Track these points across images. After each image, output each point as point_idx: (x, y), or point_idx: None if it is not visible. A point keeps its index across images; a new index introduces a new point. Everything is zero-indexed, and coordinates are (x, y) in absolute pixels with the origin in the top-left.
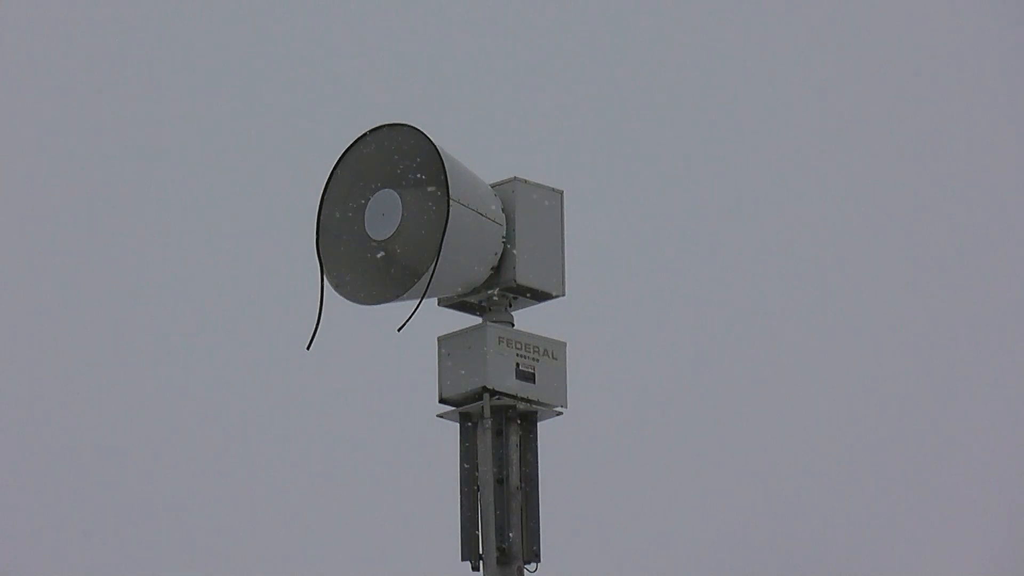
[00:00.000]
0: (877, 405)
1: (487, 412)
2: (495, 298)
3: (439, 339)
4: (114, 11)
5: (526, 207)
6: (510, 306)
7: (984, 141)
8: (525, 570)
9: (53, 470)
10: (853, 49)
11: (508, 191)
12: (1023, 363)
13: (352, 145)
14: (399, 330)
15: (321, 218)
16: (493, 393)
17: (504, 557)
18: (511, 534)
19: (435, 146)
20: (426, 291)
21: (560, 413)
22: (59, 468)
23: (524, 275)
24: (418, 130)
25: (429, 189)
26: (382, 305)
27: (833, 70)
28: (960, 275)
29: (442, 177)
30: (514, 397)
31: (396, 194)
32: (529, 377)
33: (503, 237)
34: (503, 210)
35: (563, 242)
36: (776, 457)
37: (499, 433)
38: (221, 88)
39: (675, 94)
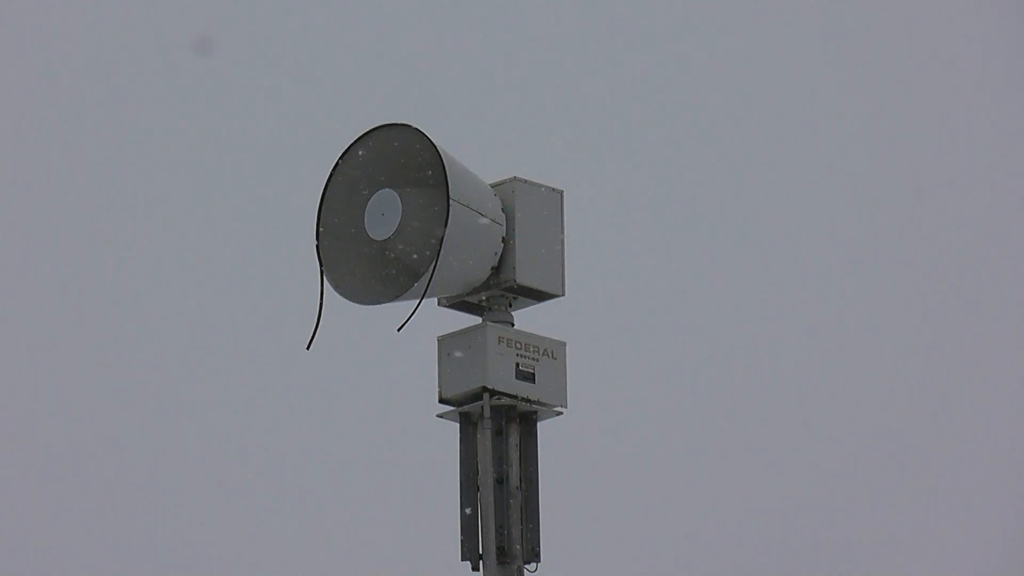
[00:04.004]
0: (877, 405)
1: (487, 412)
2: (494, 298)
3: (439, 339)
4: (114, 10)
5: (526, 207)
6: (510, 306)
7: (985, 142)
8: (525, 570)
9: (53, 470)
10: (854, 50)
11: (508, 191)
12: (1023, 363)
13: (352, 145)
14: (399, 330)
15: (321, 218)
16: (493, 393)
17: (504, 557)
18: (511, 534)
19: (435, 146)
20: (426, 291)
21: (560, 413)
22: (59, 468)
23: (524, 275)
24: (418, 130)
25: (429, 189)
26: (382, 305)
27: (835, 71)
28: (961, 276)
29: (442, 177)
30: (514, 397)
31: (396, 194)
32: (529, 377)
33: (503, 237)
34: (503, 210)
35: (563, 242)
36: (776, 457)
37: (499, 433)
38: (221, 88)
39: (675, 94)
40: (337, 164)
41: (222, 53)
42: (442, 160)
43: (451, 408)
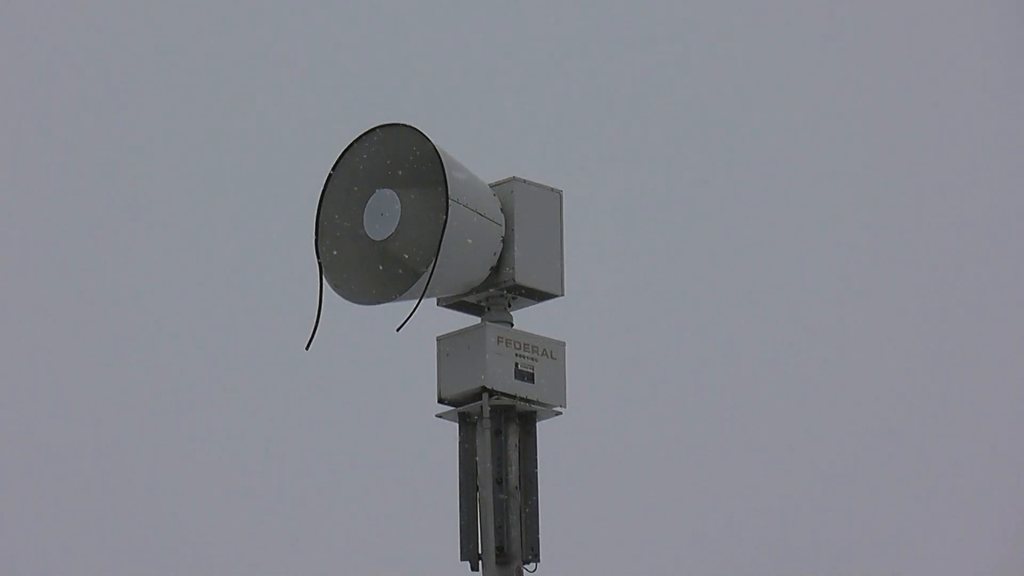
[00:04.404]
0: (877, 405)
1: (486, 412)
2: (495, 297)
3: (438, 339)
4: (114, 10)
5: (525, 207)
6: (509, 306)
7: (985, 142)
8: (524, 570)
9: (53, 470)
10: (854, 50)
11: (507, 191)
12: (1023, 363)
13: (351, 145)
14: (398, 330)
15: (320, 218)
16: (492, 393)
17: (503, 557)
18: (510, 534)
19: (434, 146)
20: (425, 291)
21: (559, 413)
22: (59, 468)
23: (523, 275)
24: (417, 130)
25: (428, 189)
26: (382, 305)
27: (835, 71)
28: (960, 276)
29: (441, 177)
30: (513, 397)
31: (395, 194)
32: (528, 377)
33: (502, 237)
34: (502, 210)
35: (562, 242)
36: (775, 457)
37: (498, 433)
38: (221, 88)
39: (675, 94)
40: (336, 164)
41: (223, 51)
42: (441, 160)
43: (450, 408)
